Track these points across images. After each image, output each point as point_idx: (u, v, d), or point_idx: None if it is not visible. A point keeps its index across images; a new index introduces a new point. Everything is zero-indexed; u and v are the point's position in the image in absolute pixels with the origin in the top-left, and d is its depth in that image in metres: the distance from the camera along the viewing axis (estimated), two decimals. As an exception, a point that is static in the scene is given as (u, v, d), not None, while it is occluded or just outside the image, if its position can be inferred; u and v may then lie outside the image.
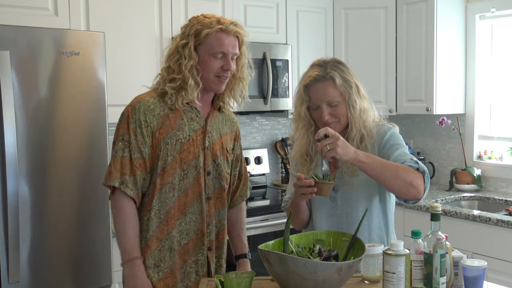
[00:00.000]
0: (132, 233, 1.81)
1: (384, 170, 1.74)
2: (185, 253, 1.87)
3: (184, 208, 1.86)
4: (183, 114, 1.86)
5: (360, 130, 1.88)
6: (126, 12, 2.91)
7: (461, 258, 1.62)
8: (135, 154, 1.81)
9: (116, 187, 1.80)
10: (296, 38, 3.61)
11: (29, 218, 2.33)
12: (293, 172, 2.05)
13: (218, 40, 1.81)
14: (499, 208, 3.26)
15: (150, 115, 1.82)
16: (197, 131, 1.87)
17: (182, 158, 1.83)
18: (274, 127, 4.00)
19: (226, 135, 1.98)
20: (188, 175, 1.85)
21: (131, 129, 1.81)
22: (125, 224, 1.81)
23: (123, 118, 1.85)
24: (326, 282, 1.46)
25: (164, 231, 1.84)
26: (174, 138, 1.83)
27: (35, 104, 2.34)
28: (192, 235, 1.88)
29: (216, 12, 3.22)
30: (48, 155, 2.38)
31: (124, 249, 1.81)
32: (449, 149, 3.89)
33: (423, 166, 1.80)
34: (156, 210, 1.84)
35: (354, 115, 1.87)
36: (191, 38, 1.81)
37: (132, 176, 1.81)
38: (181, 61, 1.81)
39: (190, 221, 1.87)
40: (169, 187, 1.83)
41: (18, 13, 2.56)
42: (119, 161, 1.81)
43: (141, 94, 1.91)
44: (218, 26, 1.81)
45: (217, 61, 1.82)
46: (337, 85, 1.85)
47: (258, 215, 3.11)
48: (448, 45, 3.58)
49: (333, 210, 1.93)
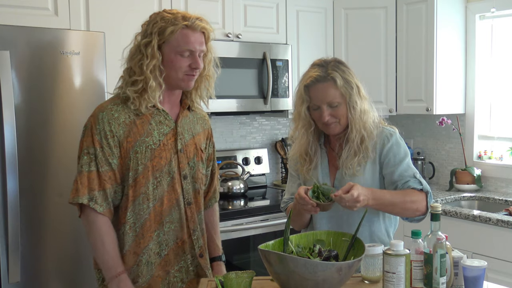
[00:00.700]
0: (112, 249, 1.71)
1: (392, 208, 1.84)
2: (166, 264, 1.79)
3: (161, 218, 1.77)
4: (151, 118, 1.77)
5: (360, 131, 1.88)
6: (126, 12, 2.90)
7: (461, 258, 1.61)
8: (103, 167, 1.71)
9: (84, 204, 1.70)
10: (296, 38, 3.61)
11: (29, 218, 2.33)
12: (292, 173, 2.05)
13: (184, 37, 1.71)
14: (499, 208, 3.26)
15: (115, 124, 1.72)
16: (167, 134, 1.78)
17: (153, 166, 1.74)
18: (274, 127, 4.00)
19: (198, 134, 1.90)
20: (161, 183, 1.76)
21: (96, 141, 1.71)
22: (102, 240, 1.71)
23: (86, 130, 1.75)
24: (326, 282, 1.46)
25: (141, 245, 1.75)
26: (144, 145, 1.74)
27: (35, 104, 2.34)
28: (171, 244, 1.80)
29: (216, 12, 3.23)
30: (48, 155, 2.38)
31: (107, 267, 1.72)
32: (449, 149, 3.89)
33: (426, 186, 1.86)
34: (131, 223, 1.75)
35: (354, 116, 1.87)
36: (154, 36, 1.70)
37: (101, 191, 1.71)
38: (143, 61, 1.70)
39: (169, 230, 1.78)
40: (142, 197, 1.74)
41: (18, 13, 2.55)
42: (86, 176, 1.70)
43: (103, 102, 1.81)
44: (183, 22, 1.71)
45: (184, 60, 1.73)
46: (338, 86, 1.84)
47: (258, 215, 3.11)
48: (448, 45, 3.57)
49: (333, 211, 1.92)
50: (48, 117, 2.38)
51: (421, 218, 1.90)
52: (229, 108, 3.27)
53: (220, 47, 3.18)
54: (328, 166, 1.97)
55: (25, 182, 2.30)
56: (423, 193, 1.85)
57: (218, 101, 3.17)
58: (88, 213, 1.72)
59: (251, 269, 2.45)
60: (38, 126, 2.35)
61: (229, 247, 2.99)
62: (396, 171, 1.88)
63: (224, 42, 3.23)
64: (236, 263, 3.08)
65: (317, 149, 1.97)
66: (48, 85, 2.37)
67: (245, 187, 3.46)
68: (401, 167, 1.88)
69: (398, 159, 1.89)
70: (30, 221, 2.33)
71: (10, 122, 2.24)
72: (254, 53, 3.34)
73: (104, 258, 1.72)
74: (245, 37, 3.35)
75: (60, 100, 2.41)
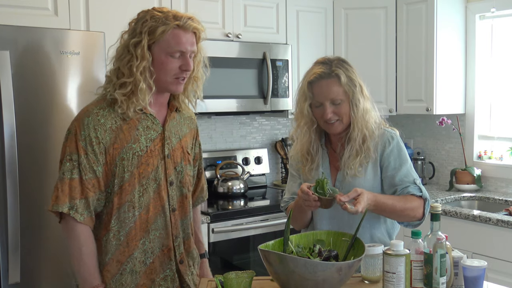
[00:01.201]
0: (90, 260, 1.66)
1: (391, 213, 1.85)
2: (152, 272, 1.74)
3: (147, 225, 1.71)
4: (138, 123, 1.70)
5: (363, 130, 1.87)
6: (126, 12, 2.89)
7: (461, 258, 1.62)
8: (86, 175, 1.64)
9: (64, 212, 1.63)
10: (296, 38, 3.61)
11: (29, 218, 2.32)
12: (293, 172, 2.05)
13: (175, 37, 1.65)
14: (499, 208, 3.26)
15: (101, 130, 1.65)
16: (154, 140, 1.72)
17: (140, 173, 1.68)
18: (274, 127, 4.00)
19: (185, 136, 1.85)
20: (147, 190, 1.70)
21: (81, 148, 1.64)
22: (80, 251, 1.64)
23: (70, 135, 1.67)
24: (326, 282, 1.46)
25: (125, 253, 1.70)
26: (131, 152, 1.67)
27: (35, 104, 2.34)
28: (157, 252, 1.74)
29: (216, 12, 3.23)
30: (48, 155, 2.38)
31: (83, 279, 1.66)
32: (449, 149, 3.89)
33: (425, 193, 1.87)
34: (115, 231, 1.69)
35: (357, 114, 1.87)
36: (144, 36, 1.63)
37: (83, 199, 1.64)
38: (132, 62, 1.63)
39: (154, 238, 1.73)
40: (128, 205, 1.68)
41: (18, 13, 2.55)
42: (67, 184, 1.63)
43: (88, 105, 1.72)
44: (174, 22, 1.64)
45: (174, 61, 1.67)
46: (341, 83, 1.84)
47: (258, 215, 3.11)
48: (448, 45, 3.57)
49: (334, 212, 1.92)
50: (48, 117, 2.38)
51: (416, 224, 1.90)
52: (229, 108, 3.27)
53: (220, 47, 3.19)
54: (329, 167, 1.96)
55: (25, 182, 2.30)
56: (422, 200, 1.86)
57: (218, 101, 3.17)
58: (67, 221, 1.66)
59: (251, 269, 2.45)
60: (38, 126, 2.35)
61: (229, 247, 3.00)
62: (397, 176, 1.87)
63: (224, 42, 3.23)
64: (236, 263, 3.08)
65: (318, 148, 1.96)
66: (48, 85, 2.37)
67: (245, 187, 3.46)
68: (401, 172, 1.88)
69: (399, 163, 1.89)
70: (30, 221, 2.33)
71: (10, 122, 2.23)
72: (254, 53, 3.34)
73: (80, 269, 1.66)
74: (245, 37, 3.35)
75: (60, 100, 2.41)
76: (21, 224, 2.28)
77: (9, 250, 2.25)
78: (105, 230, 1.70)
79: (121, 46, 1.69)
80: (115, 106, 1.67)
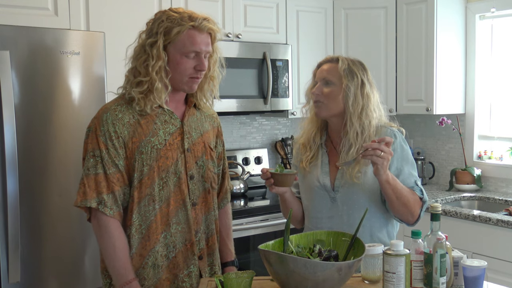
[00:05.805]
0: (123, 255, 1.67)
1: (398, 198, 1.81)
2: (174, 267, 1.75)
3: (167, 219, 1.73)
4: (156, 118, 1.73)
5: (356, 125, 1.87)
6: (126, 12, 2.90)
7: (461, 258, 1.62)
8: (110, 169, 1.67)
9: (93, 207, 1.66)
10: (296, 38, 3.61)
11: (29, 218, 2.33)
12: (295, 163, 2.06)
13: (190, 38, 1.68)
14: (499, 208, 3.26)
15: (119, 124, 1.68)
16: (173, 133, 1.75)
17: (159, 166, 1.71)
18: (274, 127, 4.00)
19: (207, 132, 1.86)
20: (168, 183, 1.72)
21: (101, 143, 1.67)
22: (114, 246, 1.66)
23: (90, 132, 1.71)
24: (326, 282, 1.46)
25: (147, 247, 1.72)
26: (149, 145, 1.70)
27: (35, 104, 2.34)
28: (180, 246, 1.75)
29: (216, 12, 3.22)
30: (48, 155, 2.38)
31: (118, 274, 1.67)
32: (449, 149, 3.89)
33: (426, 196, 1.90)
34: (137, 225, 1.71)
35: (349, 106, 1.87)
36: (160, 36, 1.66)
37: (110, 193, 1.67)
38: (148, 62, 1.67)
39: (176, 232, 1.74)
40: (148, 199, 1.70)
41: (18, 13, 2.55)
42: (93, 179, 1.66)
43: (107, 103, 1.77)
44: (190, 23, 1.67)
45: (189, 61, 1.70)
46: (339, 67, 1.89)
47: (258, 215, 3.11)
48: (448, 45, 3.58)
49: (333, 211, 1.93)
50: (48, 117, 2.38)
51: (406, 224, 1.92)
52: (229, 108, 3.27)
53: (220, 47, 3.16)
54: (329, 166, 1.96)
55: (25, 182, 2.30)
56: (421, 202, 1.89)
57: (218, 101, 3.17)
58: (99, 217, 1.67)
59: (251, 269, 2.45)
60: (38, 126, 2.35)
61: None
62: (399, 177, 1.87)
63: (224, 42, 3.23)
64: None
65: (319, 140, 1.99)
66: (48, 85, 2.37)
67: (245, 187, 3.46)
68: (403, 173, 1.89)
69: (401, 163, 1.90)
70: (30, 221, 2.33)
71: (10, 122, 2.24)
72: (254, 53, 3.34)
73: (115, 264, 1.67)
74: (245, 37, 3.35)
75: (60, 100, 2.41)
76: (21, 224, 2.28)
77: (9, 250, 2.25)
78: (127, 226, 1.72)
79: (139, 45, 1.72)
80: (133, 103, 1.71)
